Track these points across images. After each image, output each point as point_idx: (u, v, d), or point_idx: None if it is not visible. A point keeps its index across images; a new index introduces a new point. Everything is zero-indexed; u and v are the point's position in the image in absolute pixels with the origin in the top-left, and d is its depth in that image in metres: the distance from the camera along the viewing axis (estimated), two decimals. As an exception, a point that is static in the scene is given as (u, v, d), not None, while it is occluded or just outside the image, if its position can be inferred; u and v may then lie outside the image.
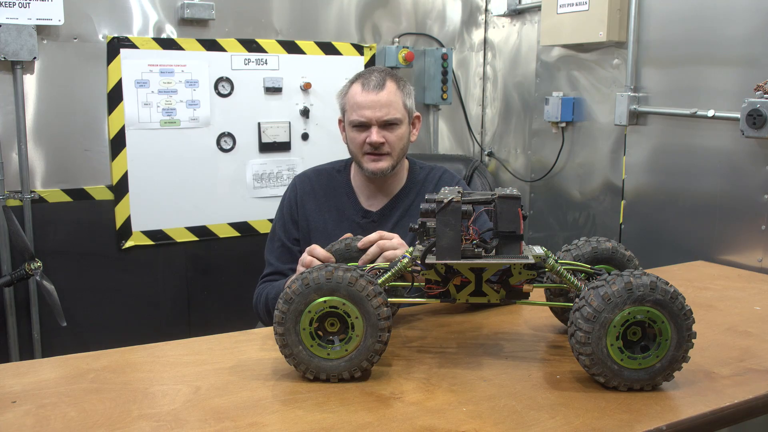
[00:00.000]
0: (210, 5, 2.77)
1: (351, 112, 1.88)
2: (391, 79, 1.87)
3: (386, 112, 1.84)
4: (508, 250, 1.27)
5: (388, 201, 1.96)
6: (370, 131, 1.85)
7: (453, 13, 3.45)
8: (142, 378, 1.29)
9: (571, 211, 3.07)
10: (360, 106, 1.85)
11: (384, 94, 1.84)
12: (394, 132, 1.86)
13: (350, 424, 1.10)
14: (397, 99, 1.87)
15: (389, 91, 1.85)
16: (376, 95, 1.84)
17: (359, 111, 1.85)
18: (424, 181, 1.99)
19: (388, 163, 1.88)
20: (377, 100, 1.83)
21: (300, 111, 3.04)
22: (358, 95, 1.86)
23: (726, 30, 2.33)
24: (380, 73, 1.89)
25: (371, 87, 1.85)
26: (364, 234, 1.69)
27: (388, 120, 1.85)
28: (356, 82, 1.89)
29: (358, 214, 1.95)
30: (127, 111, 2.70)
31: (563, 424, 1.11)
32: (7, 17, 2.41)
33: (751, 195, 2.27)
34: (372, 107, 1.84)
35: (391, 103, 1.85)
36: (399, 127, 1.87)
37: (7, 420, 1.12)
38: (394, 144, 1.87)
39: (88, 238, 2.71)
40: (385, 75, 1.88)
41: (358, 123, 1.86)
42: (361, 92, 1.85)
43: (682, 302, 1.19)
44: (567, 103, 2.98)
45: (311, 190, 2.00)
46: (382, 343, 1.23)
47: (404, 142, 1.90)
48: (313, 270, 1.23)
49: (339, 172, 2.03)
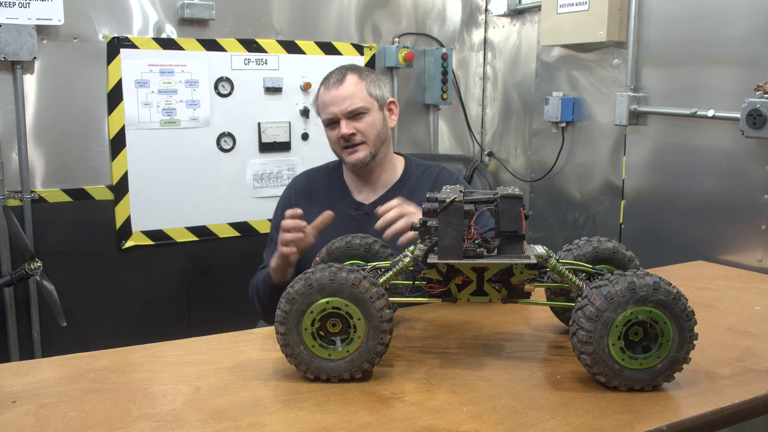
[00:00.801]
0: (210, 5, 2.76)
1: (321, 113, 1.98)
2: (351, 73, 1.95)
3: (349, 104, 1.91)
4: (510, 249, 1.27)
5: (381, 194, 1.99)
6: (340, 125, 1.92)
7: (453, 13, 3.45)
8: (142, 378, 1.29)
9: (571, 211, 3.07)
10: (325, 105, 1.94)
11: (343, 87, 1.92)
12: (362, 120, 1.93)
13: (350, 425, 1.10)
14: (359, 89, 1.93)
15: (349, 83, 1.93)
16: (337, 90, 1.92)
17: (326, 109, 1.95)
18: (420, 177, 2.02)
19: (365, 152, 1.94)
20: (338, 94, 1.92)
21: (300, 111, 3.04)
22: (323, 95, 1.96)
23: (726, 30, 2.33)
24: (340, 70, 1.97)
25: (331, 84, 1.94)
26: (358, 227, 1.71)
27: (353, 110, 1.92)
28: (321, 85, 1.99)
29: (350, 207, 1.99)
30: (127, 111, 2.70)
31: (563, 424, 1.11)
32: (7, 17, 2.41)
33: (751, 195, 2.27)
34: (335, 102, 1.92)
35: (353, 94, 1.92)
36: (367, 115, 1.94)
37: (7, 420, 1.12)
38: (366, 132, 1.93)
39: (88, 238, 2.70)
40: (345, 70, 1.97)
41: (328, 121, 1.95)
42: (324, 91, 1.95)
43: (684, 303, 1.19)
44: (567, 103, 2.98)
45: (305, 190, 2.07)
46: (383, 345, 1.23)
47: (377, 128, 1.95)
48: (317, 270, 1.23)
49: (333, 169, 2.09)
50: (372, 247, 1.56)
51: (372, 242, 1.57)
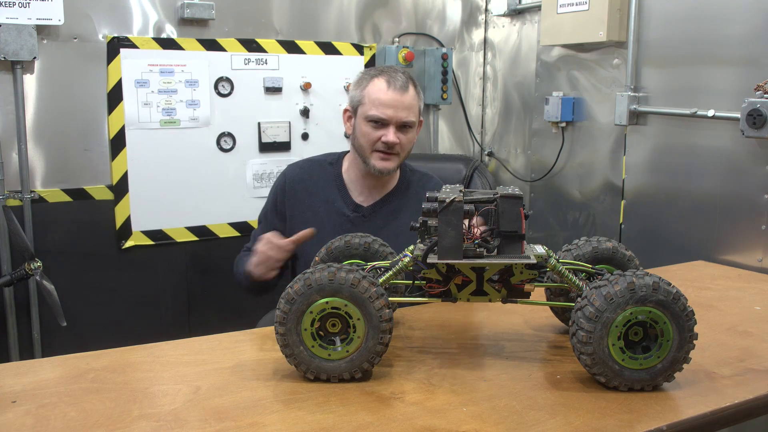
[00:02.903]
0: (210, 5, 2.76)
1: (370, 107, 1.86)
2: (412, 83, 1.91)
3: (407, 114, 1.86)
4: (510, 249, 1.27)
5: (380, 198, 1.98)
6: (387, 130, 1.86)
7: (453, 13, 3.45)
8: (142, 378, 1.29)
9: (571, 211, 3.07)
10: (383, 104, 1.85)
11: (408, 96, 1.86)
12: (407, 134, 1.89)
13: (350, 425, 1.10)
14: (417, 103, 1.90)
15: (412, 94, 1.88)
16: (401, 96, 1.85)
17: (381, 108, 1.85)
18: (416, 184, 2.02)
19: (395, 163, 1.91)
20: (401, 101, 1.84)
21: (300, 111, 3.04)
22: (383, 92, 1.85)
23: (726, 30, 2.33)
24: (404, 74, 1.90)
25: (397, 87, 1.85)
26: (354, 228, 1.69)
27: (406, 122, 1.87)
28: (380, 78, 1.88)
29: (348, 207, 1.97)
30: (127, 111, 2.70)
31: (564, 424, 1.11)
32: (7, 17, 2.41)
33: (751, 195, 2.27)
34: (395, 107, 1.84)
35: (412, 107, 1.87)
36: (412, 130, 1.91)
37: (7, 420, 1.12)
38: (406, 146, 1.90)
39: (88, 238, 2.70)
40: (408, 77, 1.90)
41: (377, 119, 1.86)
42: (387, 89, 1.85)
43: (684, 303, 1.19)
44: (567, 103, 2.97)
45: (301, 180, 2.02)
46: (383, 345, 1.23)
47: (412, 144, 1.94)
48: (316, 270, 1.23)
49: (331, 164, 2.04)
50: (371, 247, 1.56)
51: (371, 241, 1.56)
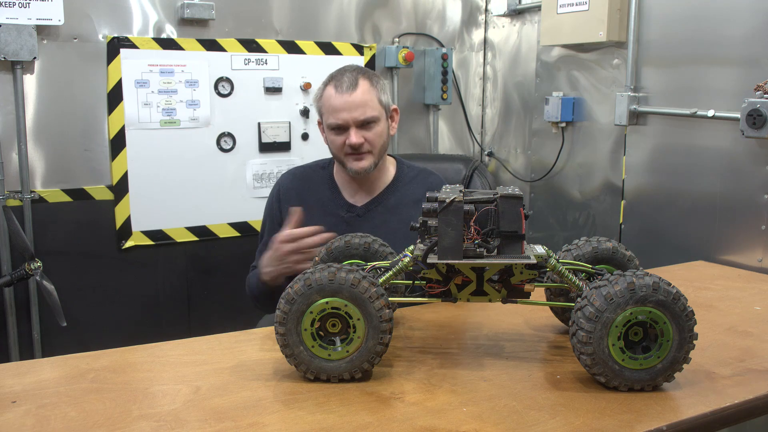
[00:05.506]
0: (210, 5, 2.76)
1: (328, 116, 1.88)
2: (363, 77, 1.87)
3: (362, 112, 1.84)
4: (510, 249, 1.27)
5: (373, 197, 1.98)
6: (349, 133, 1.85)
7: (453, 13, 3.45)
8: (142, 378, 1.29)
9: (571, 211, 3.07)
10: (335, 109, 1.84)
11: (358, 93, 1.84)
12: (372, 130, 1.87)
13: (350, 425, 1.10)
14: (372, 96, 1.86)
15: (362, 89, 1.85)
16: (350, 96, 1.83)
17: (335, 114, 1.85)
18: (411, 181, 2.01)
19: (370, 161, 1.89)
20: (351, 101, 1.83)
21: (300, 111, 3.04)
22: (333, 98, 1.85)
23: (726, 30, 2.33)
24: (352, 72, 1.87)
25: (344, 88, 1.84)
26: (349, 229, 1.69)
27: (365, 119, 1.85)
28: (329, 85, 1.88)
29: (342, 208, 1.97)
30: (127, 111, 2.70)
31: (564, 424, 1.11)
32: (7, 17, 2.41)
33: (751, 195, 2.27)
34: (347, 109, 1.83)
35: (366, 102, 1.85)
36: (377, 125, 1.88)
37: (7, 420, 1.12)
38: (374, 141, 1.88)
39: (88, 238, 2.70)
40: (357, 74, 1.87)
41: (336, 126, 1.86)
42: (335, 94, 1.85)
43: (684, 303, 1.19)
44: (567, 103, 2.97)
45: (294, 187, 2.03)
46: (383, 345, 1.23)
47: (384, 138, 1.91)
48: (316, 270, 1.23)
49: (323, 168, 2.05)
50: (371, 247, 1.56)
51: (371, 241, 1.56)
